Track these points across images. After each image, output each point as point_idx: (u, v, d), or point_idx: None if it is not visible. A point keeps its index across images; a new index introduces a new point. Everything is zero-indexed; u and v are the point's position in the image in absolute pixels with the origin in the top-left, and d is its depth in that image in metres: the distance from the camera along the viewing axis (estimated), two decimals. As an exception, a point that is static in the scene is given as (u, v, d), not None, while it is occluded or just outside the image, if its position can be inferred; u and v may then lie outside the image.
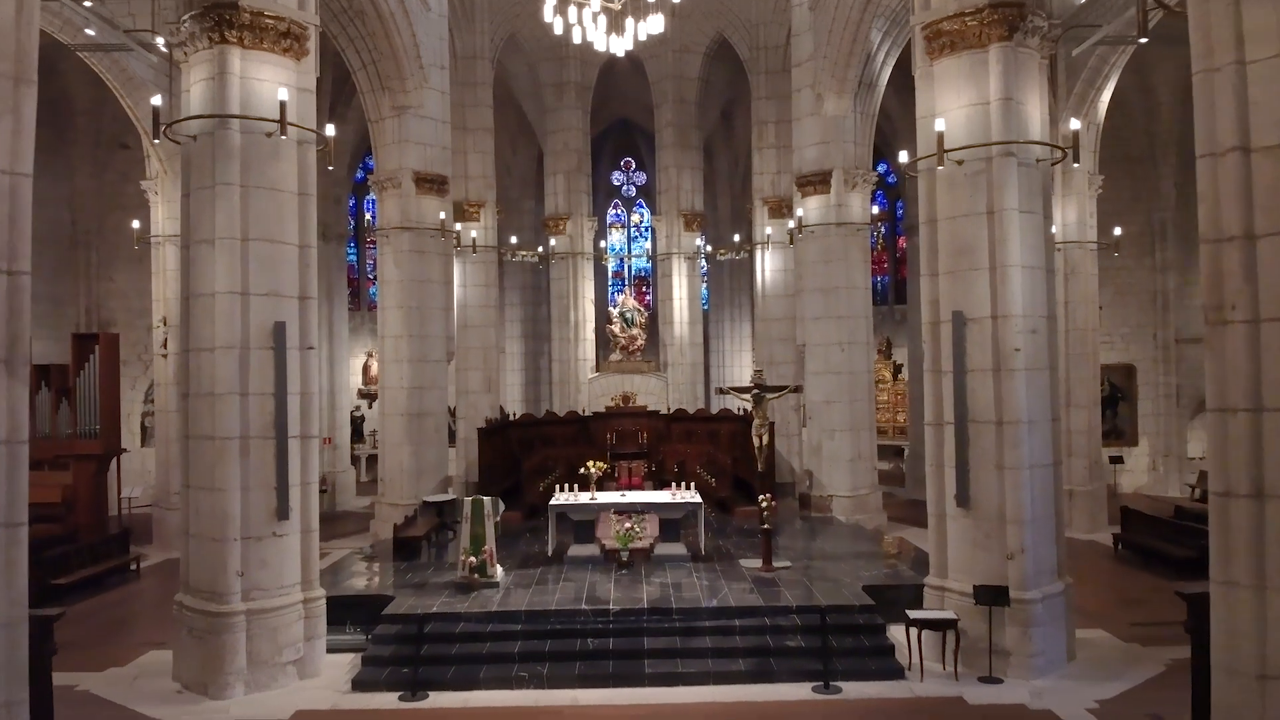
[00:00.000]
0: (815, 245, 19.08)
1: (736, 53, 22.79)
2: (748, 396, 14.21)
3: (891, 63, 19.28)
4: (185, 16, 11.05)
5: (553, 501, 14.35)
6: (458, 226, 21.23)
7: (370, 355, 29.78)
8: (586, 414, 22.57)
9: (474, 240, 21.25)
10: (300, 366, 11.14)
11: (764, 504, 13.52)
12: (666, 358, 24.11)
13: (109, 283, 25.63)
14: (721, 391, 15.35)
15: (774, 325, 21.94)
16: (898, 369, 29.67)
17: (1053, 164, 11.61)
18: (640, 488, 19.37)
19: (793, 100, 19.69)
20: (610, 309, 24.74)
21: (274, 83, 10.97)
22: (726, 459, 19.85)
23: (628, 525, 13.80)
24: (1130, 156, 24.74)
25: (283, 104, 10.69)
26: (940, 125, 10.89)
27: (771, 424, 15.30)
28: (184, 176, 11.23)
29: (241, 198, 10.78)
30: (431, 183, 18.94)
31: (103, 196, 25.24)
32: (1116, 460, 24.47)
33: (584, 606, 11.85)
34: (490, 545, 12.78)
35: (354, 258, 30.57)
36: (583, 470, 14.52)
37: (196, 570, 10.90)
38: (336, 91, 24.03)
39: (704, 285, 27.46)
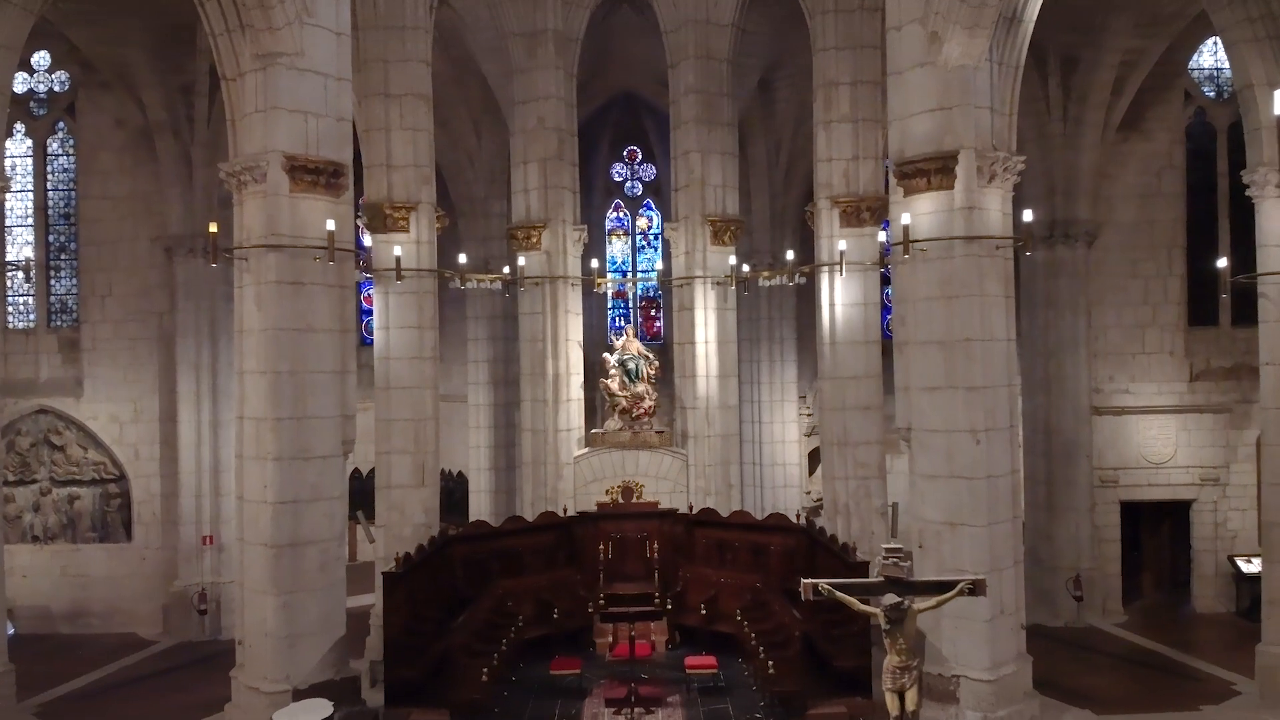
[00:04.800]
0: (929, 272, 11.88)
1: (787, -12, 15.62)
2: (876, 610, 7.02)
3: (1048, -20, 12.14)
4: None
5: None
6: (367, 241, 14.18)
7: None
8: (569, 514, 15.38)
9: (398, 260, 14.08)
10: None
11: None
12: (686, 426, 16.86)
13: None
14: (819, 596, 7.98)
15: (848, 388, 14.68)
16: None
17: None
18: (648, 657, 12.29)
19: (888, 43, 12.45)
20: (606, 356, 17.46)
21: None
22: (785, 608, 12.63)
23: None
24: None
25: None
26: None
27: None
28: None
29: None
30: (316, 174, 11.90)
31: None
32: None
33: None
34: None
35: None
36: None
37: None
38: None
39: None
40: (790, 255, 16.53)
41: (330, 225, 11.79)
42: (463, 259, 16.25)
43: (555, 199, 16.59)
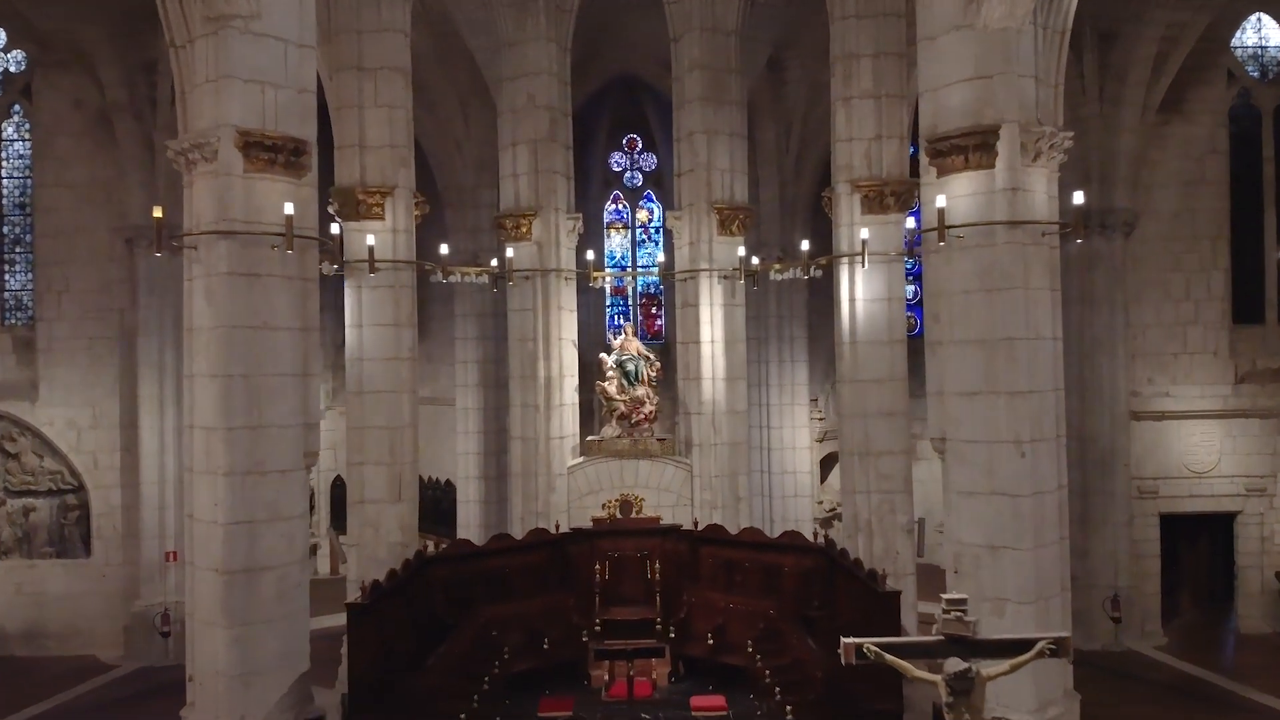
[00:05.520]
0: (967, 262, 10.51)
1: (801, -47, 14.26)
2: (935, 677, 5.69)
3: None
4: None
5: None
6: (335, 228, 12.83)
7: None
8: (562, 530, 14.00)
9: (371, 250, 12.70)
10: None
11: None
12: (690, 433, 15.48)
13: None
14: (864, 658, 6.61)
15: (870, 392, 13.28)
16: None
17: None
18: (649, 696, 10.92)
19: (919, 5, 11.02)
20: (603, 356, 16.07)
21: None
22: (802, 640, 11.25)
23: None
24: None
25: None
26: None
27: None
28: None
29: None
30: (274, 151, 10.51)
31: None
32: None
33: None
34: None
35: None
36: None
37: None
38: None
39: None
40: (805, 245, 15.09)
41: (289, 209, 10.40)
42: (444, 250, 14.84)
43: (547, 184, 15.19)
